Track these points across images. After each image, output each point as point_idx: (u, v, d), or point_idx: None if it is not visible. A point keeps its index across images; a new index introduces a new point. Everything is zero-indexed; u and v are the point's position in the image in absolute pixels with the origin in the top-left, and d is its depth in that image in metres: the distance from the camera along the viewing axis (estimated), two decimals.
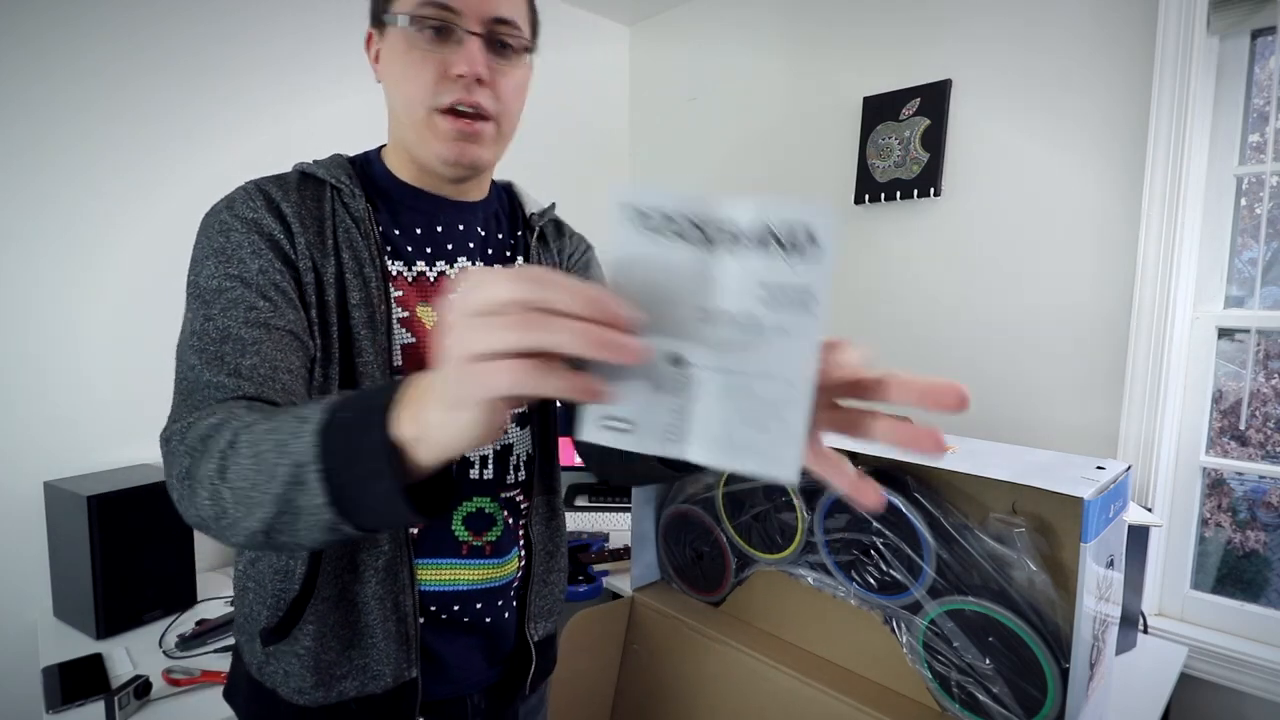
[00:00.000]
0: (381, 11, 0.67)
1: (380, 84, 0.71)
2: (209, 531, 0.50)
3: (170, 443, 0.53)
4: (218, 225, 0.63)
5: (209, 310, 0.59)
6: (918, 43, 1.70)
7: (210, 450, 0.48)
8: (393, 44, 0.66)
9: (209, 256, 0.62)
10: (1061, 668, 0.86)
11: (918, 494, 1.00)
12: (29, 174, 1.36)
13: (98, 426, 1.46)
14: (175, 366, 0.60)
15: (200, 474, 0.48)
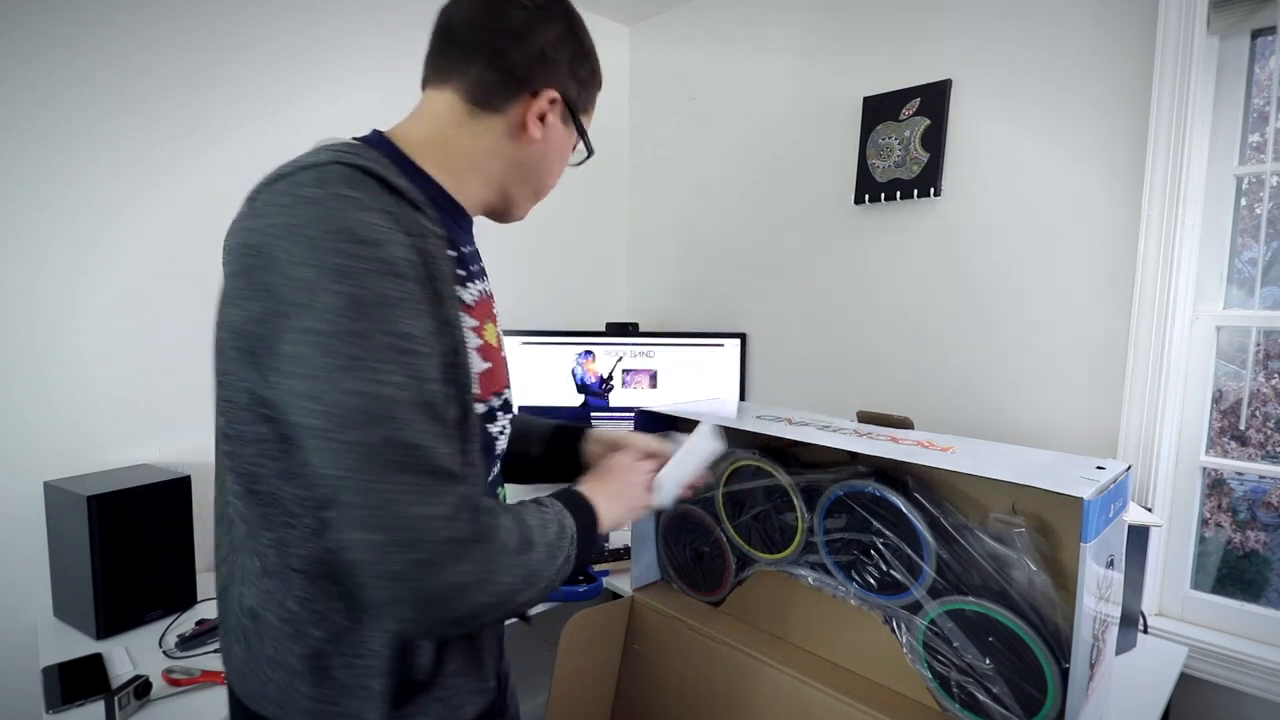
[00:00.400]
0: (578, 112, 0.75)
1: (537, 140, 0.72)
2: (484, 600, 0.56)
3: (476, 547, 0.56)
4: (379, 264, 0.54)
5: (398, 377, 0.54)
6: (918, 43, 1.70)
7: (515, 549, 0.59)
8: (567, 143, 0.76)
9: (379, 302, 0.54)
10: (1061, 668, 0.86)
11: (918, 494, 1.00)
12: (29, 174, 1.36)
13: (98, 426, 1.46)
14: (356, 436, 0.53)
15: (509, 564, 0.58)
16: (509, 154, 0.72)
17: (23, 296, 1.37)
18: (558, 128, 0.73)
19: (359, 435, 0.52)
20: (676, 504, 1.34)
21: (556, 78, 0.71)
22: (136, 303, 1.50)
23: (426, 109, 0.72)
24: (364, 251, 0.54)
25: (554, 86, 0.71)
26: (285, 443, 0.59)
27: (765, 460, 1.18)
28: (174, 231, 1.54)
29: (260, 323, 0.56)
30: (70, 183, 1.40)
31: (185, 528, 1.40)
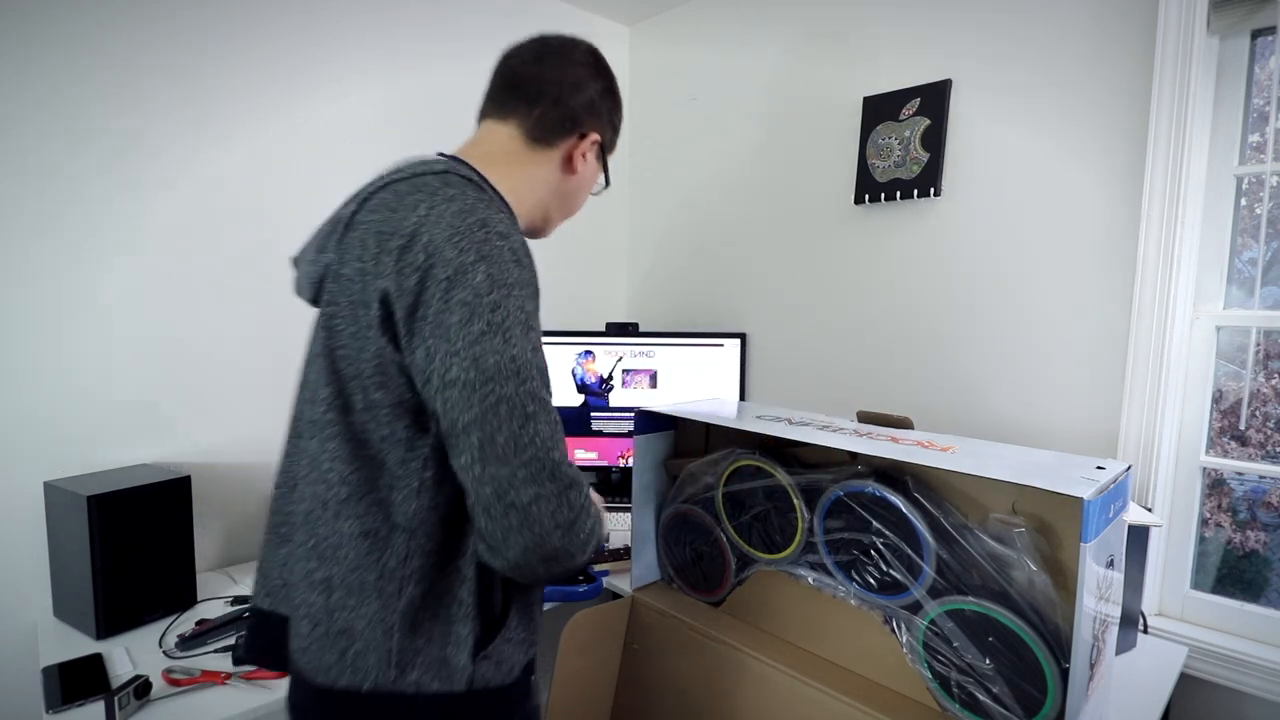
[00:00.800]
0: (607, 151, 0.92)
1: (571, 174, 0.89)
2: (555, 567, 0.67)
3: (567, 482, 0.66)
4: (510, 255, 0.68)
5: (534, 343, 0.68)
6: (918, 43, 1.70)
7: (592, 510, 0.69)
8: (595, 174, 0.92)
9: (517, 286, 0.67)
10: (1061, 668, 0.86)
11: (918, 494, 1.00)
12: (28, 174, 1.36)
13: (98, 426, 1.46)
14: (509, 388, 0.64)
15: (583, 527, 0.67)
16: (555, 182, 0.88)
17: (23, 296, 1.37)
18: (592, 164, 0.90)
19: (502, 388, 0.63)
20: (678, 504, 1.34)
21: (599, 123, 0.89)
22: (137, 303, 1.50)
23: (489, 138, 0.86)
24: (499, 241, 0.67)
25: (597, 130, 0.89)
26: (397, 408, 0.69)
27: (765, 460, 1.18)
28: (174, 231, 1.54)
29: (410, 294, 0.66)
30: (70, 183, 1.40)
31: (185, 528, 1.40)
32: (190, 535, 1.41)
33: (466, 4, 1.98)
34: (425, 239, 0.66)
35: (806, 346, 1.99)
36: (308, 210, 1.72)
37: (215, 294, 1.60)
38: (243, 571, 1.60)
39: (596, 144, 0.88)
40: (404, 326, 0.66)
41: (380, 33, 1.83)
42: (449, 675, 0.70)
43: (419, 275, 0.65)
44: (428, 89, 1.93)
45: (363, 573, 0.69)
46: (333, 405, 0.72)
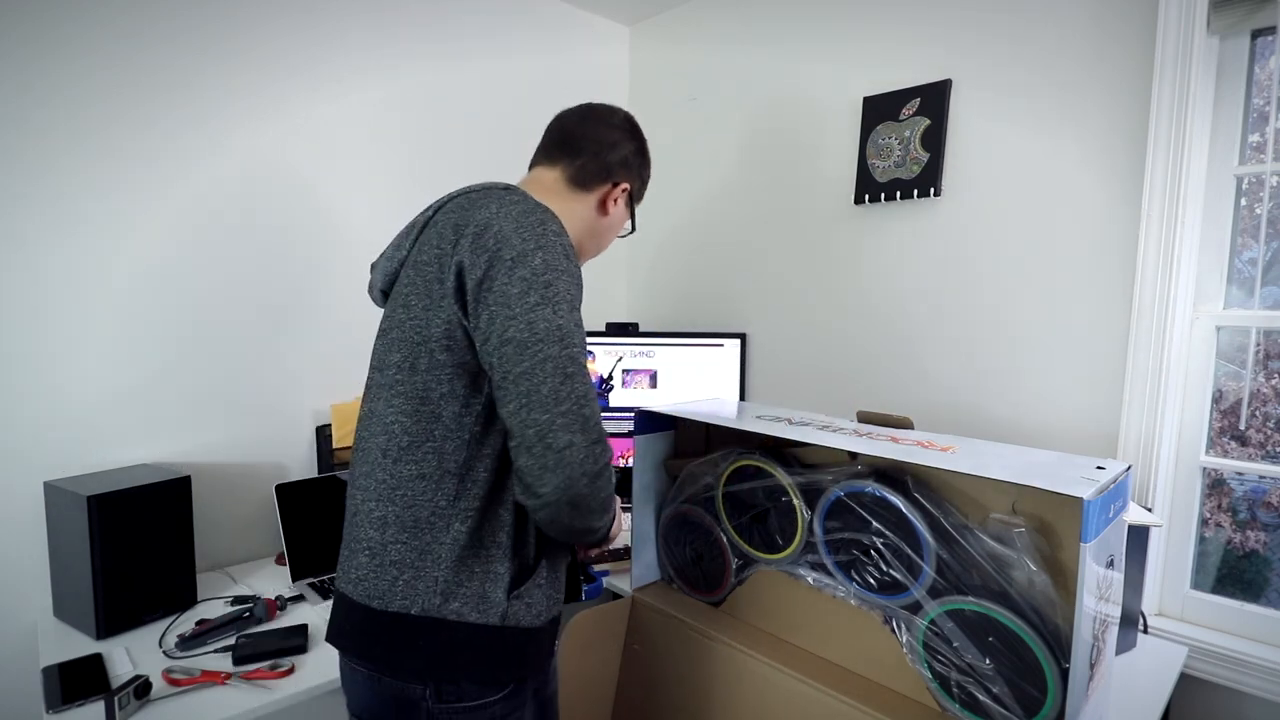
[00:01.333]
0: (634, 202, 1.09)
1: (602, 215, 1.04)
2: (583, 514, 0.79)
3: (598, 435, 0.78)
4: (562, 249, 0.83)
5: (575, 318, 0.81)
6: (918, 43, 1.70)
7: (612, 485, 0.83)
8: (624, 217, 1.09)
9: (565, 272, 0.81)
10: (1061, 668, 0.86)
11: (918, 494, 1.00)
12: (29, 175, 1.36)
13: (98, 426, 1.46)
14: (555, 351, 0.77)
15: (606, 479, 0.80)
16: (590, 220, 1.03)
17: (23, 297, 1.37)
18: (621, 209, 1.06)
19: (549, 349, 0.76)
20: (677, 504, 1.34)
21: (630, 175, 1.05)
22: (137, 303, 1.50)
23: (540, 179, 1.02)
24: (554, 236, 0.82)
25: (627, 181, 1.05)
26: (459, 368, 0.81)
27: (765, 460, 1.18)
28: (174, 231, 1.54)
29: (480, 269, 0.79)
30: (70, 183, 1.40)
31: (185, 528, 1.40)
32: (190, 535, 1.41)
33: (466, 4, 1.98)
34: (496, 228, 0.80)
35: (806, 346, 1.99)
36: (308, 210, 1.72)
37: (215, 294, 1.60)
38: (243, 571, 1.60)
39: (626, 192, 1.05)
40: (472, 295, 0.79)
41: (380, 33, 1.83)
42: (486, 608, 0.81)
43: (489, 255, 0.79)
44: (428, 89, 1.93)
45: (416, 510, 0.81)
46: (401, 368, 0.84)
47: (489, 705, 0.82)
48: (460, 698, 0.81)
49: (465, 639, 0.80)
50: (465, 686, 0.82)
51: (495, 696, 0.83)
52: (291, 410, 1.71)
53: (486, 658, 0.82)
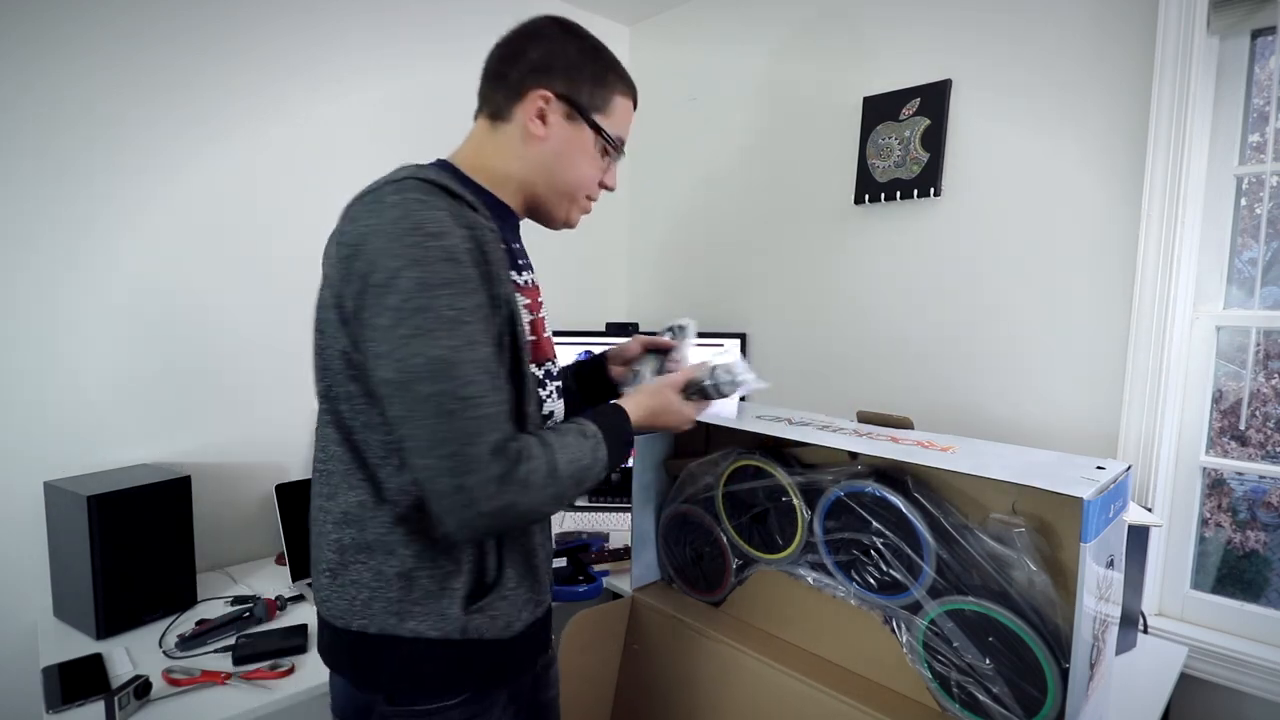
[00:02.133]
0: (585, 109, 0.85)
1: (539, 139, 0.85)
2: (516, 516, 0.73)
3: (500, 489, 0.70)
4: (442, 252, 0.70)
5: (453, 341, 0.69)
6: (918, 43, 1.70)
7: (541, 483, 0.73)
8: (586, 141, 0.87)
9: (442, 286, 0.69)
10: (1061, 668, 0.86)
11: (918, 494, 1.00)
12: (29, 175, 1.36)
13: (98, 426, 1.46)
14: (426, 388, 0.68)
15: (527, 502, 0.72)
16: (525, 155, 0.86)
17: (23, 297, 1.37)
18: (562, 126, 0.85)
19: (423, 388, 0.68)
20: (677, 504, 1.34)
21: (548, 80, 0.83)
22: (137, 303, 1.50)
23: (471, 133, 0.89)
24: (431, 242, 0.70)
25: (546, 86, 0.83)
26: (369, 398, 0.75)
27: (765, 460, 1.18)
28: (174, 231, 1.54)
29: (354, 299, 0.72)
30: (70, 184, 1.40)
31: (185, 528, 1.40)
32: (190, 535, 1.41)
33: (466, 4, 1.98)
34: (367, 247, 0.71)
35: (806, 346, 1.99)
36: (307, 211, 1.72)
37: (215, 294, 1.60)
38: (243, 571, 1.60)
39: (551, 101, 0.83)
40: (352, 329, 0.73)
41: (380, 33, 1.83)
42: (444, 624, 0.79)
43: (359, 283, 0.71)
44: (428, 89, 1.93)
45: (366, 533, 0.78)
46: (325, 396, 0.80)
47: (445, 710, 0.81)
48: (413, 701, 0.80)
49: (424, 653, 0.79)
50: (423, 684, 0.81)
51: (452, 701, 0.81)
52: (291, 410, 1.71)
53: (451, 669, 0.81)
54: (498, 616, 0.81)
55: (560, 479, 0.75)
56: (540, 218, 0.93)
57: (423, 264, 0.69)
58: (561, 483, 0.75)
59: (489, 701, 0.84)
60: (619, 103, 0.89)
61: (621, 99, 0.90)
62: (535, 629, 0.88)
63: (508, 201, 0.88)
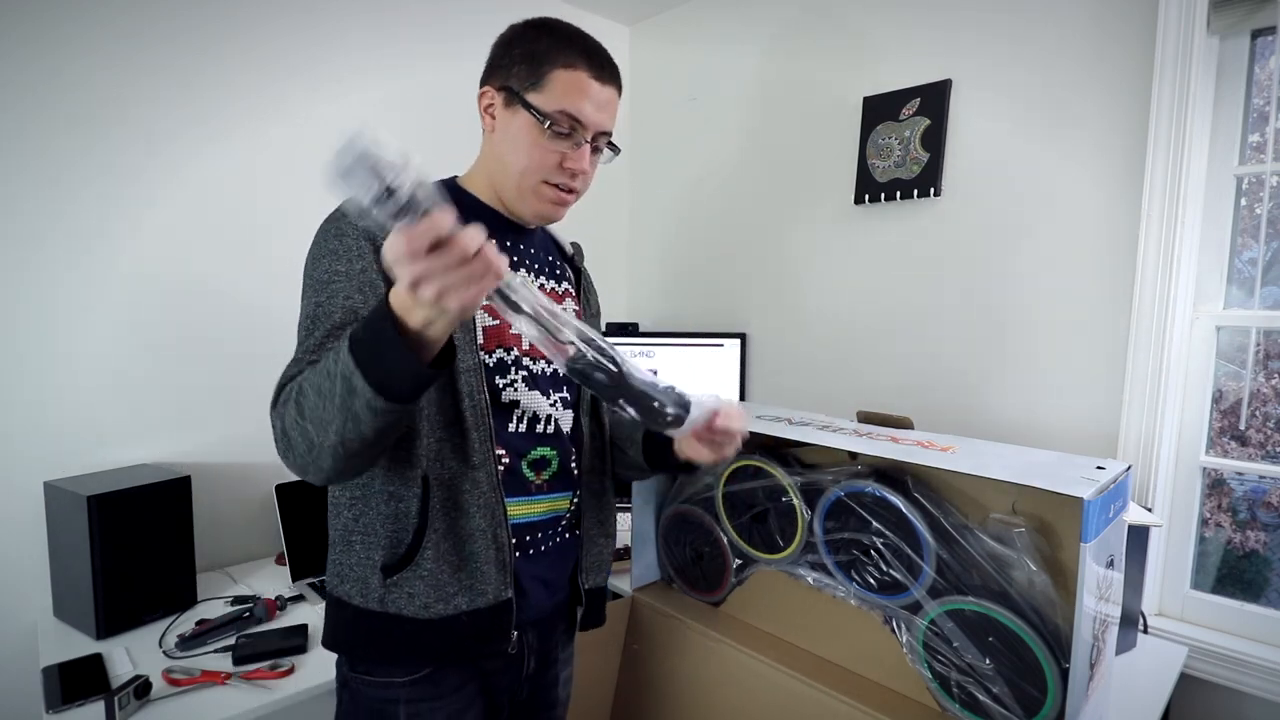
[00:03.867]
0: (517, 90, 0.83)
1: (492, 134, 0.87)
2: (308, 473, 0.73)
3: (272, 413, 0.75)
4: (334, 230, 0.79)
5: (318, 298, 0.77)
6: (918, 43, 1.70)
7: (288, 405, 0.72)
8: (523, 123, 0.83)
9: (324, 254, 0.79)
10: (1061, 668, 0.86)
11: (918, 494, 1.00)
12: (28, 175, 1.36)
13: (98, 426, 1.46)
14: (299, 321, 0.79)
15: (288, 424, 0.72)
16: (486, 154, 0.89)
17: (23, 297, 1.37)
18: (503, 116, 0.85)
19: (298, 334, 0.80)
20: (678, 504, 1.34)
21: (489, 76, 0.87)
22: (137, 303, 1.50)
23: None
24: (327, 225, 0.81)
25: (490, 83, 0.86)
26: None
27: (765, 460, 1.18)
28: (174, 231, 1.54)
29: None
30: (70, 183, 1.40)
31: (185, 528, 1.40)
32: (190, 535, 1.41)
33: (466, 4, 1.98)
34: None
35: (806, 346, 1.99)
36: (308, 211, 1.72)
37: (215, 294, 1.60)
38: (243, 571, 1.60)
39: (487, 94, 0.86)
40: None
41: (380, 33, 1.83)
42: (364, 592, 0.83)
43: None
44: (428, 89, 1.93)
45: (333, 493, 0.87)
46: None
47: (393, 685, 0.83)
48: (369, 671, 0.84)
49: (351, 619, 0.83)
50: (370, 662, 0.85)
51: (401, 679, 0.83)
52: None
53: (375, 641, 0.83)
54: (415, 595, 0.81)
55: (305, 427, 0.70)
56: (514, 214, 0.90)
57: (315, 243, 0.81)
58: (307, 432, 0.70)
59: (448, 687, 0.85)
60: (560, 76, 0.82)
61: (564, 71, 0.83)
62: (474, 620, 0.83)
63: (491, 205, 0.90)
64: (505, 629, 0.85)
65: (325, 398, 0.66)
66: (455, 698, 0.86)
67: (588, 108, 0.83)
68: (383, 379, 0.62)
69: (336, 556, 0.85)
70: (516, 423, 0.88)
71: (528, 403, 0.89)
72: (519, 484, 0.88)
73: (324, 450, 0.68)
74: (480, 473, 0.82)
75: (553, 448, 0.92)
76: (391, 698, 0.84)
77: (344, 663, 0.87)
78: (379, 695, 0.84)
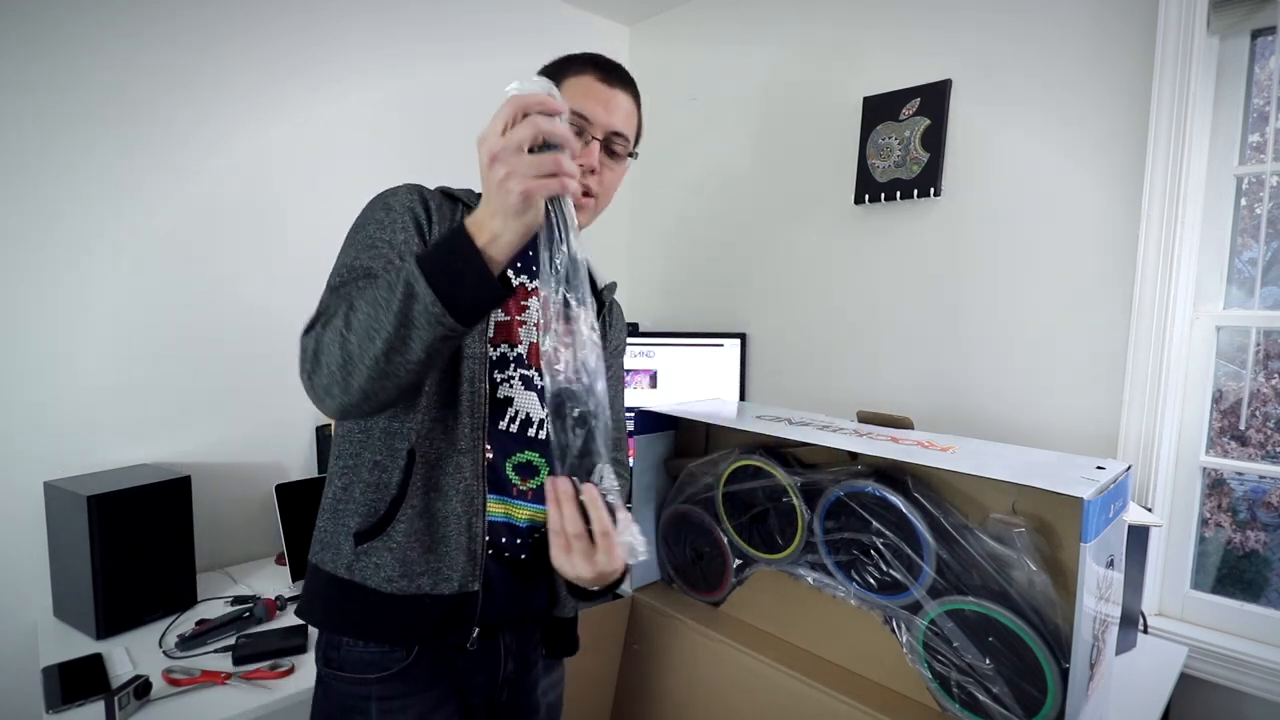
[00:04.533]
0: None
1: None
2: (332, 392, 0.69)
3: (304, 337, 0.72)
4: (382, 204, 0.83)
5: (359, 256, 0.79)
6: (918, 43, 1.70)
7: (333, 318, 0.69)
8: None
9: (370, 222, 0.81)
10: (1061, 668, 0.86)
11: (918, 494, 1.00)
12: (28, 174, 1.36)
13: (98, 426, 1.46)
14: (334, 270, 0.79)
15: (327, 339, 0.68)
16: None
17: (23, 297, 1.37)
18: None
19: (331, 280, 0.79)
20: (677, 504, 1.34)
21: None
22: (137, 303, 1.50)
23: None
24: (378, 198, 0.84)
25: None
26: None
27: (765, 460, 1.18)
28: (174, 231, 1.54)
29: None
30: (70, 183, 1.40)
31: (185, 528, 1.40)
32: (190, 535, 1.41)
33: (466, 4, 1.98)
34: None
35: (806, 346, 1.99)
36: (308, 211, 1.72)
37: (215, 294, 1.60)
38: (243, 571, 1.60)
39: None
40: None
41: (380, 33, 1.83)
42: (335, 558, 0.83)
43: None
44: (428, 89, 1.93)
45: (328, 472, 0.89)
46: None
47: (365, 683, 0.83)
48: (341, 667, 0.84)
49: (322, 587, 0.84)
50: (345, 655, 0.84)
51: (373, 676, 0.83)
52: (291, 410, 1.71)
53: (340, 610, 0.83)
54: (382, 566, 0.81)
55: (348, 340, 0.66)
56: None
57: (364, 211, 0.83)
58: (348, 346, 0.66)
59: (421, 684, 0.85)
60: (569, 83, 0.90)
61: (573, 79, 0.91)
62: (437, 605, 0.82)
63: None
64: (468, 621, 0.83)
65: (380, 307, 0.64)
66: (427, 696, 0.85)
67: (593, 106, 0.88)
68: (449, 286, 0.62)
69: (322, 524, 0.87)
70: (508, 422, 0.88)
71: (521, 402, 0.88)
72: (499, 483, 0.87)
73: (361, 364, 0.66)
74: (466, 458, 0.83)
75: (542, 455, 0.90)
76: (363, 694, 0.84)
77: (320, 659, 0.87)
78: (351, 692, 0.84)
